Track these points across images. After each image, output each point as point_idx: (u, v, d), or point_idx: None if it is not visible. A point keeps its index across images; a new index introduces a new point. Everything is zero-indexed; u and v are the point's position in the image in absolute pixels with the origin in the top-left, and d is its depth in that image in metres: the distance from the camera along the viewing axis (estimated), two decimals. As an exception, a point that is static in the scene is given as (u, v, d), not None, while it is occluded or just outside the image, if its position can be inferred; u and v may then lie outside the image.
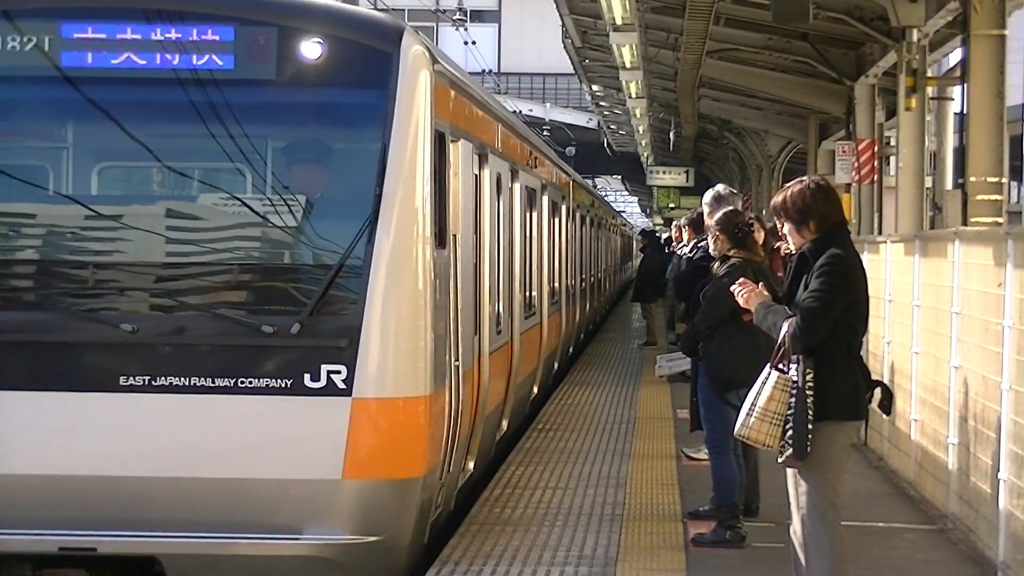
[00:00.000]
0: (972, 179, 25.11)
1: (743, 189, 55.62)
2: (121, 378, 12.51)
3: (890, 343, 21.62)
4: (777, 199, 12.43)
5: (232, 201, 13.48)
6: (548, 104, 70.24)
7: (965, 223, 23.82)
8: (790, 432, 11.57)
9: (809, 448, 11.61)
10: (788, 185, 12.78)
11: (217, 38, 13.00)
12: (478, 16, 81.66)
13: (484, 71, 70.50)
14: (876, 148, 33.37)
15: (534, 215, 26.16)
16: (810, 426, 11.55)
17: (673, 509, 18.21)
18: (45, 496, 12.43)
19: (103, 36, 13.12)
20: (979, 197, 24.80)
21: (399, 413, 12.89)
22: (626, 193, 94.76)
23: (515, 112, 34.86)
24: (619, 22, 32.60)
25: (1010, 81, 27.96)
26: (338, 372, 12.49)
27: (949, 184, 30.36)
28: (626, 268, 68.22)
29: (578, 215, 38.03)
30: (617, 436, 24.63)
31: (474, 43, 73.21)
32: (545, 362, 28.14)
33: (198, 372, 12.59)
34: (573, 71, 60.24)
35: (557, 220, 31.03)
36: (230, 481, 12.49)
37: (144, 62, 13.08)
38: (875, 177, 33.32)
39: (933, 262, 18.79)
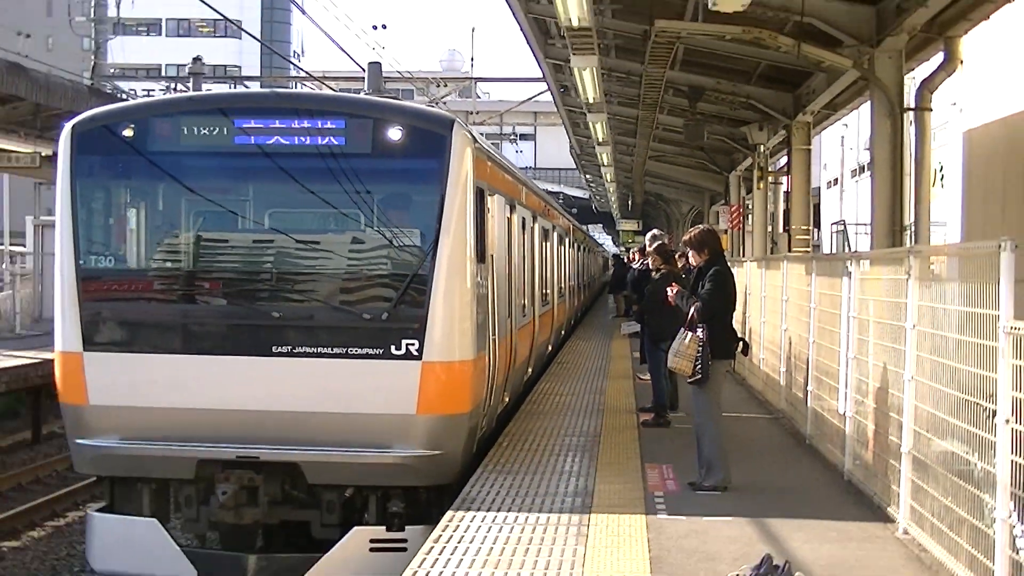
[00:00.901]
0: (793, 227, 25.05)
1: (668, 231, 55.39)
2: (273, 347, 11.85)
3: (749, 316, 21.76)
4: (686, 237, 13.27)
5: (344, 233, 12.72)
6: (563, 184, 69.97)
7: (790, 251, 23.92)
8: (698, 366, 12.06)
9: (707, 375, 11.84)
10: (691, 229, 13.69)
11: (334, 126, 12.27)
12: (524, 137, 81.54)
13: (527, 167, 70.41)
14: (740, 210, 33.20)
15: (547, 243, 24.54)
16: (708, 362, 11.79)
17: (630, 406, 18.22)
18: (227, 423, 11.81)
19: (261, 124, 12.42)
20: (798, 237, 24.76)
21: (452, 371, 11.97)
22: (604, 233, 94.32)
23: (546, 190, 34.63)
24: (600, 140, 32.59)
25: (814, 174, 28.05)
26: (413, 344, 11.69)
27: (780, 230, 30.32)
28: (604, 275, 67.62)
29: (576, 244, 37.54)
30: (600, 367, 24.68)
31: (521, 151, 74.21)
32: (556, 331, 26.71)
33: (322, 344, 11.88)
34: (575, 165, 60.00)
35: (562, 247, 30.38)
36: (344, 415, 11.81)
37: (288, 142, 12.34)
38: (741, 225, 33.23)
39: (773, 272, 19.11)
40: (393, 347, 11.73)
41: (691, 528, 10.44)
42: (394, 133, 12.14)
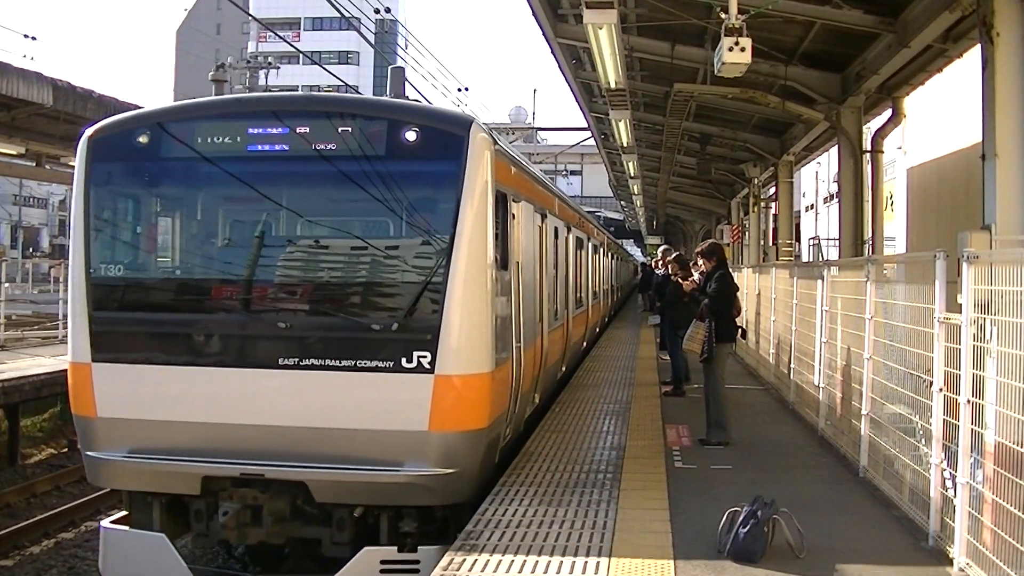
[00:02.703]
0: (781, 241, 24.94)
1: (684, 244, 55.00)
2: (279, 359, 8.99)
3: (747, 310, 21.57)
4: (699, 248, 13.33)
5: (354, 239, 9.59)
6: (603, 208, 69.35)
7: (777, 260, 23.75)
8: (705, 348, 11.87)
9: (713, 355, 11.80)
10: (703, 243, 13.70)
11: (348, 128, 9.18)
12: (573, 173, 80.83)
13: (576, 195, 70.05)
14: (740, 228, 32.95)
15: (582, 252, 21.21)
16: (714, 345, 11.77)
17: (655, 380, 18.02)
18: (233, 437, 9.09)
19: (270, 129, 9.38)
20: (783, 249, 24.58)
21: (468, 385, 9.01)
22: (635, 245, 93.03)
23: (588, 211, 34.02)
24: (632, 175, 32.42)
25: (795, 201, 27.80)
26: (425, 356, 8.71)
27: (770, 243, 30.04)
28: (635, 279, 66.92)
29: (610, 253, 35.84)
30: (630, 351, 24.34)
31: (571, 183, 74.53)
32: (590, 330, 23.37)
33: (330, 356, 8.91)
34: (613, 194, 59.59)
35: (597, 256, 27.09)
36: (353, 431, 8.90)
37: (297, 145, 9.32)
38: (740, 240, 32.97)
39: (765, 276, 19.07)
40: (404, 360, 8.85)
41: (700, 475, 10.32)
42: (409, 134, 9.20)
